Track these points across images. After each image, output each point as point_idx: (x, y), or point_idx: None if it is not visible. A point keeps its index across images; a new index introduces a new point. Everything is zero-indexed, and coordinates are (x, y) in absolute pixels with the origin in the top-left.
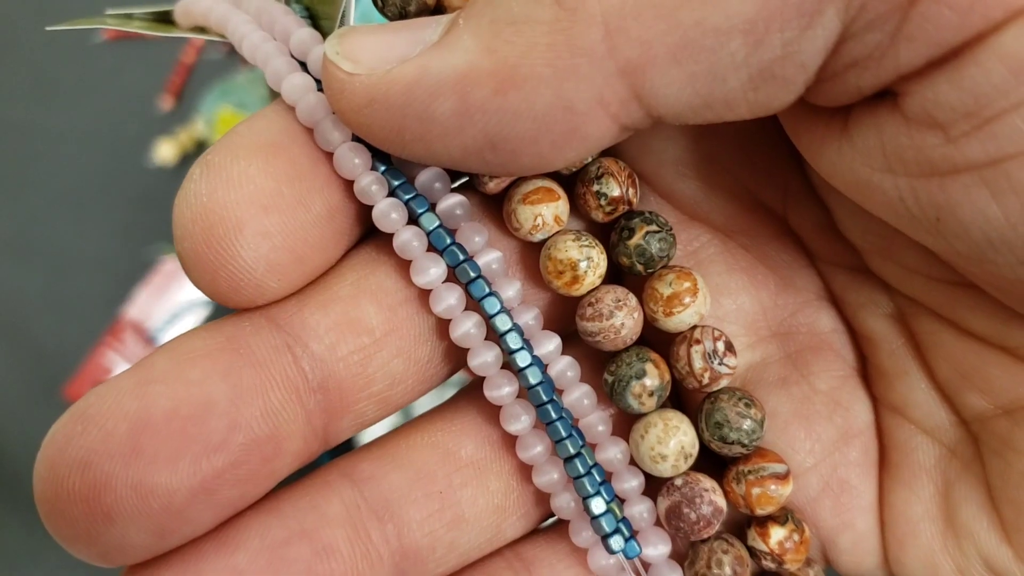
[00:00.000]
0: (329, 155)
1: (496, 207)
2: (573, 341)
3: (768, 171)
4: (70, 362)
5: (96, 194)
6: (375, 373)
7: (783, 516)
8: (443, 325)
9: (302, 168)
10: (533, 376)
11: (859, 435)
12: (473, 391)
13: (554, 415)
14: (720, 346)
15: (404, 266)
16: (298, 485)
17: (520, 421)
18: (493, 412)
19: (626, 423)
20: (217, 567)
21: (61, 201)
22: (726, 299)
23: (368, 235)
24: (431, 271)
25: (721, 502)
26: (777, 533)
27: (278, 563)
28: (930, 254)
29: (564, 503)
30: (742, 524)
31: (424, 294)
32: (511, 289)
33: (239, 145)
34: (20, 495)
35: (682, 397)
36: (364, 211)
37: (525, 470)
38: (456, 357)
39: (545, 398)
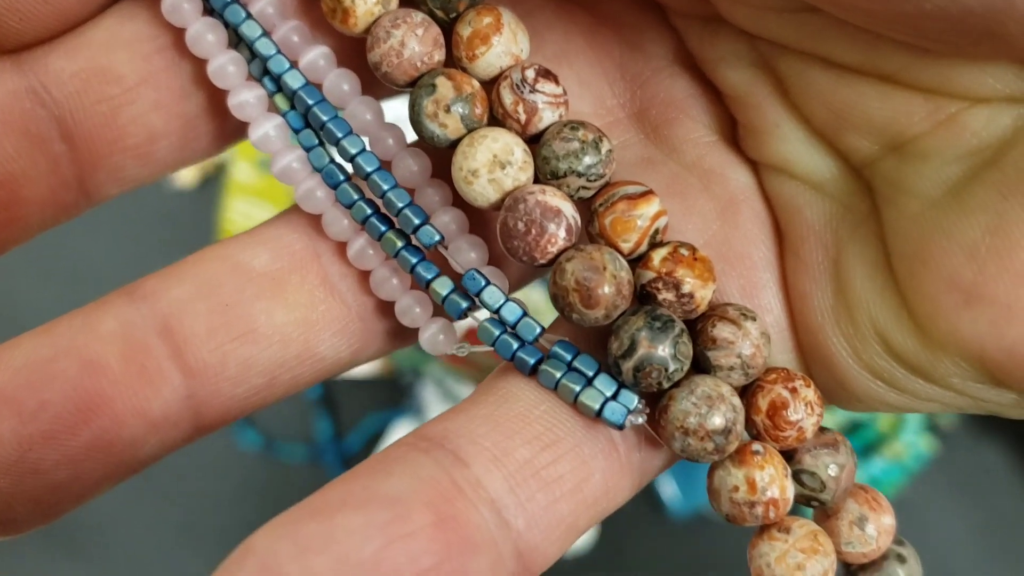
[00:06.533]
0: None
1: None
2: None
3: None
4: None
5: (118, 214)
6: (128, 125)
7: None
8: (207, 76)
9: None
10: (293, 80)
11: (744, 201)
12: (291, 211)
13: (324, 117)
14: (529, 73)
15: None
16: (79, 309)
17: (262, 127)
18: (302, 223)
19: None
20: None
21: (82, 220)
22: (565, 68)
23: None
24: None
25: (556, 202)
26: (658, 254)
27: (40, 381)
28: None
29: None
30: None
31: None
32: (262, 1)
33: None
34: None
35: None
36: None
37: (335, 281)
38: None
39: (310, 101)
